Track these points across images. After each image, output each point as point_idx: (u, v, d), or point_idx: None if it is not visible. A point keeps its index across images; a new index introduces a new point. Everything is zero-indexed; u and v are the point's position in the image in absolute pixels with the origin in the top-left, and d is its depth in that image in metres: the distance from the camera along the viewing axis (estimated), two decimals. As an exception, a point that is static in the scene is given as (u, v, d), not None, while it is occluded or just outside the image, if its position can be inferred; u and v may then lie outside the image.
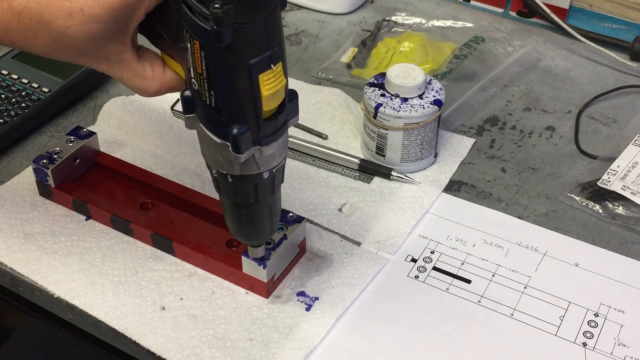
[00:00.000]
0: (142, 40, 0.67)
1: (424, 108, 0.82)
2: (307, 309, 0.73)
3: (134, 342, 0.70)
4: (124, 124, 0.91)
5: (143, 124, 0.90)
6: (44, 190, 0.82)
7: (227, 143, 0.60)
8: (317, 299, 0.73)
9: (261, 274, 0.72)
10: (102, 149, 0.86)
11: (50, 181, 0.80)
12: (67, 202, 0.81)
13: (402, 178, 0.85)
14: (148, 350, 0.70)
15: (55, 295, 0.73)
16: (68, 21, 0.61)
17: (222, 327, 0.71)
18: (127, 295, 0.73)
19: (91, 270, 0.75)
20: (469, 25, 1.07)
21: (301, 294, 0.74)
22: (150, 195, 0.81)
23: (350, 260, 0.77)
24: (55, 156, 0.80)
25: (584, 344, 0.70)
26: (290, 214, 0.75)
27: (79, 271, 0.75)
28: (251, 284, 0.73)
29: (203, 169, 0.86)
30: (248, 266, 0.72)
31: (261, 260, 0.71)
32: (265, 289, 0.73)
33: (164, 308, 0.72)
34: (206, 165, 0.65)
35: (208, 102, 0.59)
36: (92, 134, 0.83)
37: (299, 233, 0.75)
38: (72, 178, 0.82)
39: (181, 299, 0.73)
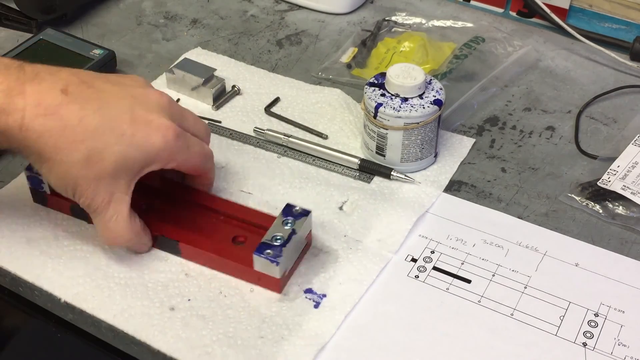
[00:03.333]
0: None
1: (424, 108, 0.82)
2: (316, 306, 0.72)
3: (134, 342, 0.70)
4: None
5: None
6: (39, 198, 0.80)
7: None
8: (324, 296, 0.73)
9: (274, 271, 0.71)
10: (102, 149, 0.85)
11: (46, 187, 0.78)
12: (65, 208, 0.79)
13: (402, 178, 0.85)
14: (148, 350, 0.70)
15: (62, 300, 0.73)
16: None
17: (232, 326, 0.71)
18: (134, 298, 0.73)
19: (97, 274, 0.75)
20: (469, 25, 1.07)
21: (308, 291, 0.74)
22: (150, 195, 0.81)
23: (356, 255, 0.77)
24: None
25: (584, 344, 0.70)
26: (296, 208, 0.75)
27: (84, 275, 0.75)
28: (262, 281, 0.73)
29: (203, 169, 0.86)
30: (260, 264, 0.72)
31: (273, 258, 0.71)
32: (279, 286, 0.73)
33: (172, 309, 0.72)
34: None
35: None
36: None
37: (305, 226, 0.75)
38: None
39: (189, 300, 0.73)
